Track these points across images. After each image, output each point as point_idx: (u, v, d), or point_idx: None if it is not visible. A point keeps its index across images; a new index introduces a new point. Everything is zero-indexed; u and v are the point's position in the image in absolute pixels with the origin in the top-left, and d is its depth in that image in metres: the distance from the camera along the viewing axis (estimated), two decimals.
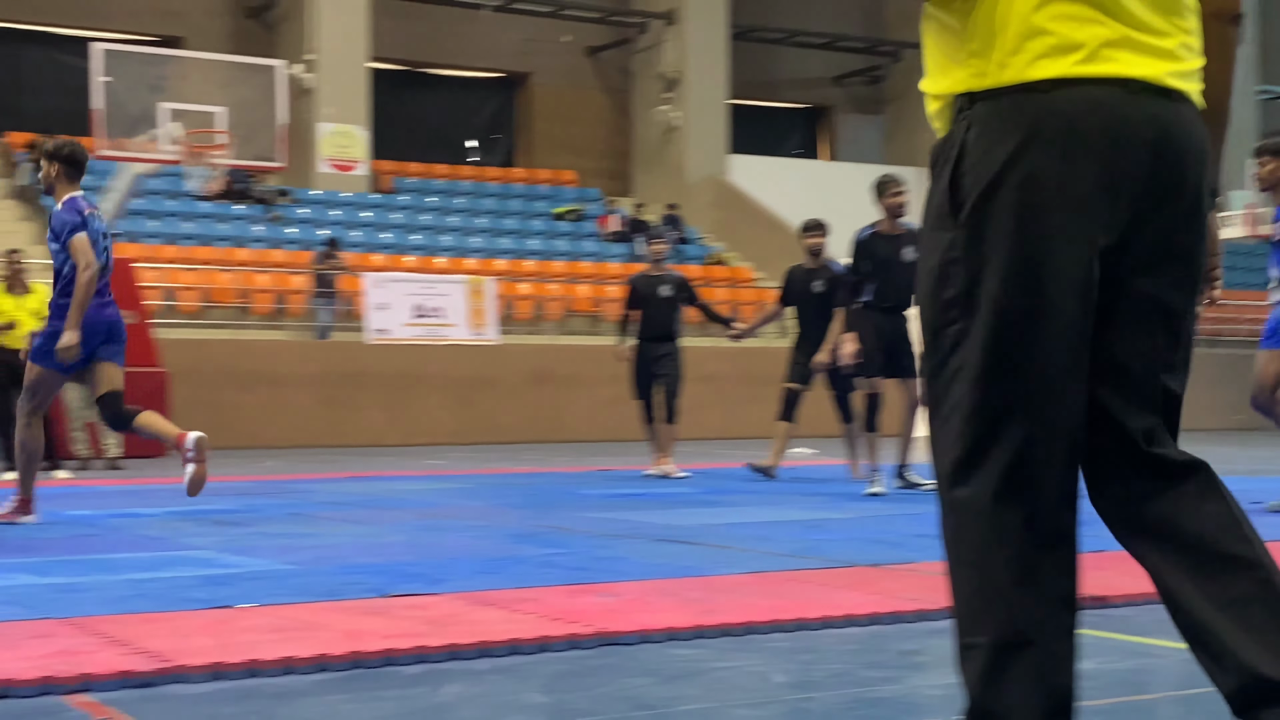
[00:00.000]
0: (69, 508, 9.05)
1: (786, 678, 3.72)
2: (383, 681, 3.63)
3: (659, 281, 12.07)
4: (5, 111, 26.85)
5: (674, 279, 12.15)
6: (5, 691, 3.41)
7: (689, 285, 12.25)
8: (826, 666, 3.83)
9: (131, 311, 16.87)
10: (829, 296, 11.06)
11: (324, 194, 25.87)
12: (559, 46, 30.97)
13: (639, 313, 12.08)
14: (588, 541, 6.78)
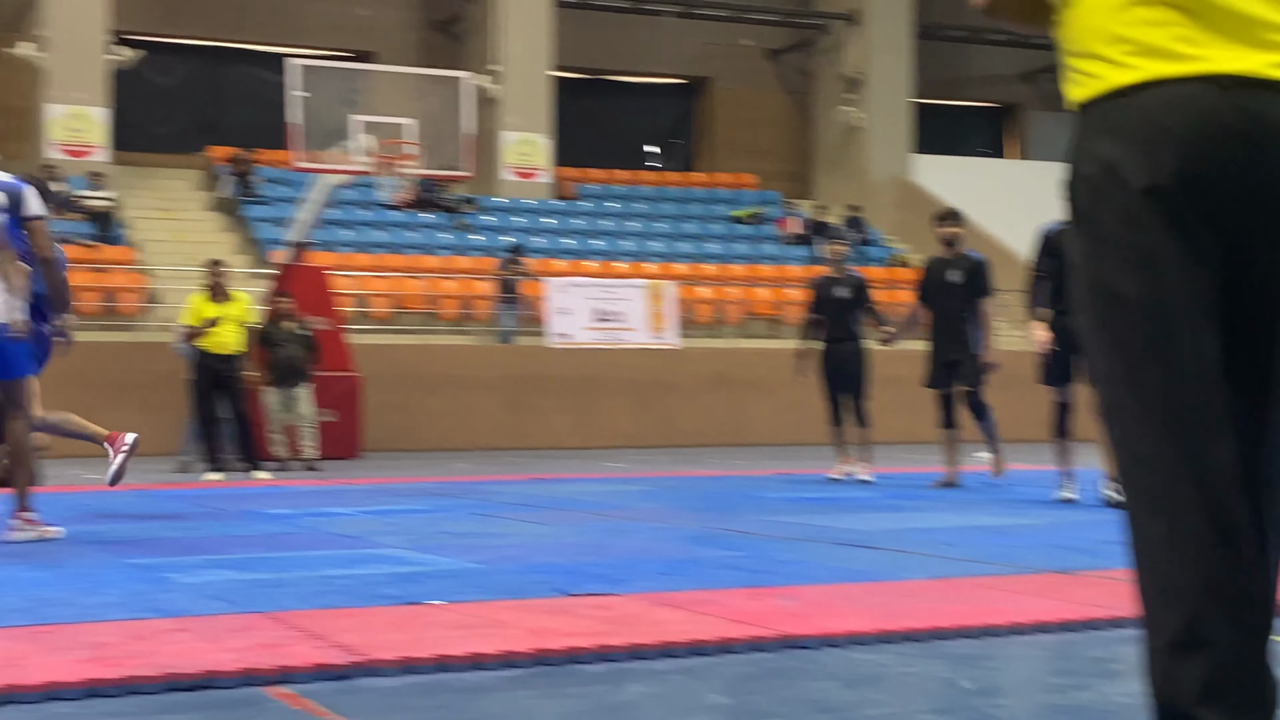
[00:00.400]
0: (269, 507, 9.34)
1: (972, 684, 3.68)
2: (567, 679, 3.69)
3: (837, 284, 11.97)
4: (207, 127, 27.81)
5: (852, 281, 12.03)
6: (209, 682, 3.56)
7: (865, 288, 12.11)
8: (1014, 673, 3.79)
9: (325, 318, 17.37)
10: (967, 287, 10.85)
11: (508, 201, 26.26)
12: (739, 50, 30.96)
13: (822, 316, 12.03)
14: (769, 545, 6.78)
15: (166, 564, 6.03)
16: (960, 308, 10.85)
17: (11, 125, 25.93)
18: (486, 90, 25.84)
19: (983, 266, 10.96)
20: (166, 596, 5.02)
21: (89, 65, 23.72)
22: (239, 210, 24.24)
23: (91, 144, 23.71)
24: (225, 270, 13.61)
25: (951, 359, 10.94)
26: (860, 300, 11.98)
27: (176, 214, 24.42)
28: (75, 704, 3.40)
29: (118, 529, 7.78)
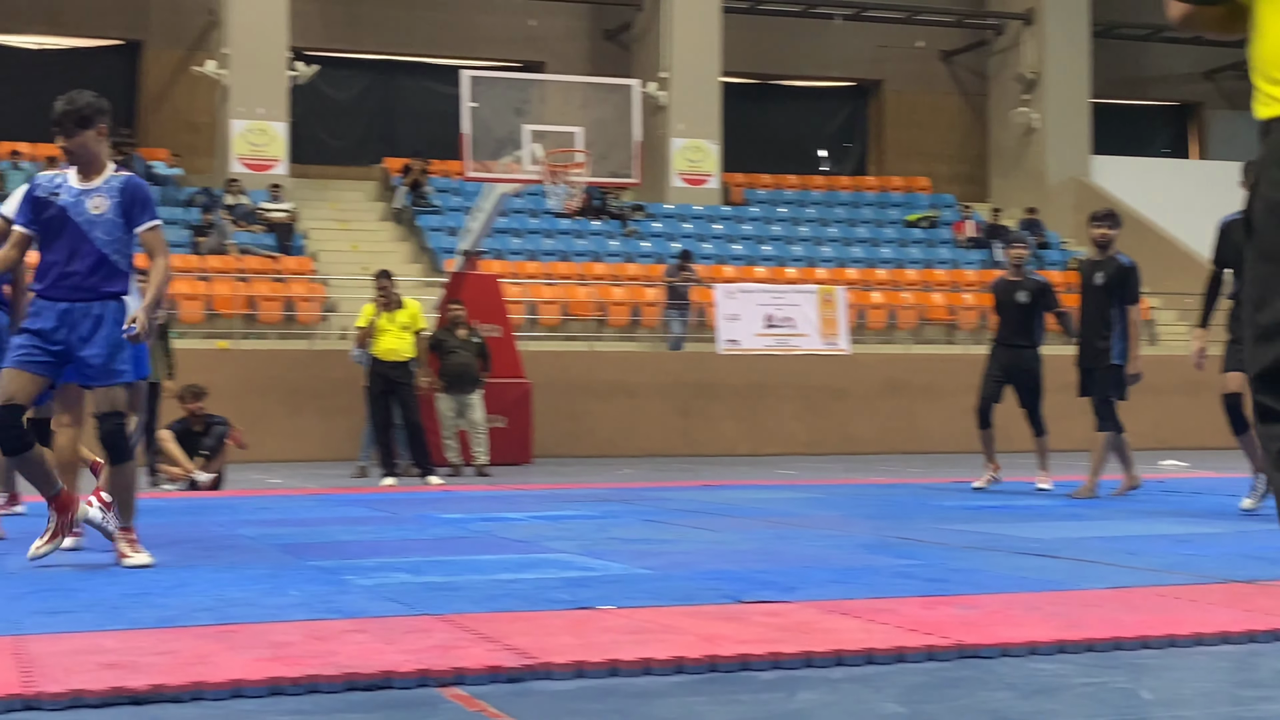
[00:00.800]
0: (442, 512, 9.48)
1: (1154, 695, 3.58)
2: (738, 685, 3.67)
3: (1017, 287, 11.69)
4: (381, 139, 28.40)
5: (1033, 285, 11.72)
6: (387, 682, 3.61)
7: (1051, 291, 11.80)
8: (1197, 685, 3.67)
9: (496, 325, 17.60)
10: (1109, 292, 10.51)
11: (677, 208, 26.34)
12: (912, 52, 30.65)
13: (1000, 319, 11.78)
14: (944, 553, 6.68)
15: (344, 566, 6.15)
16: (1101, 313, 10.51)
17: (197, 140, 26.78)
18: (655, 97, 25.96)
19: (1126, 271, 10.55)
20: (345, 598, 5.11)
21: (270, 81, 24.39)
22: (412, 220, 24.69)
23: (272, 157, 24.37)
24: (390, 282, 13.82)
25: (1087, 366, 10.62)
26: (1041, 304, 11.68)
27: (352, 224, 24.98)
28: (258, 701, 3.48)
29: (298, 533, 7.96)
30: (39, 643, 4.14)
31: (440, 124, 25.55)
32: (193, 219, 22.87)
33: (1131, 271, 10.53)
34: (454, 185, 25.41)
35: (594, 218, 25.46)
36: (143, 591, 5.33)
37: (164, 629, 4.40)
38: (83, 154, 6.42)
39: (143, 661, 3.81)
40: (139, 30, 26.95)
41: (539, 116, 17.35)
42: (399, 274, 16.92)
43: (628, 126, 17.60)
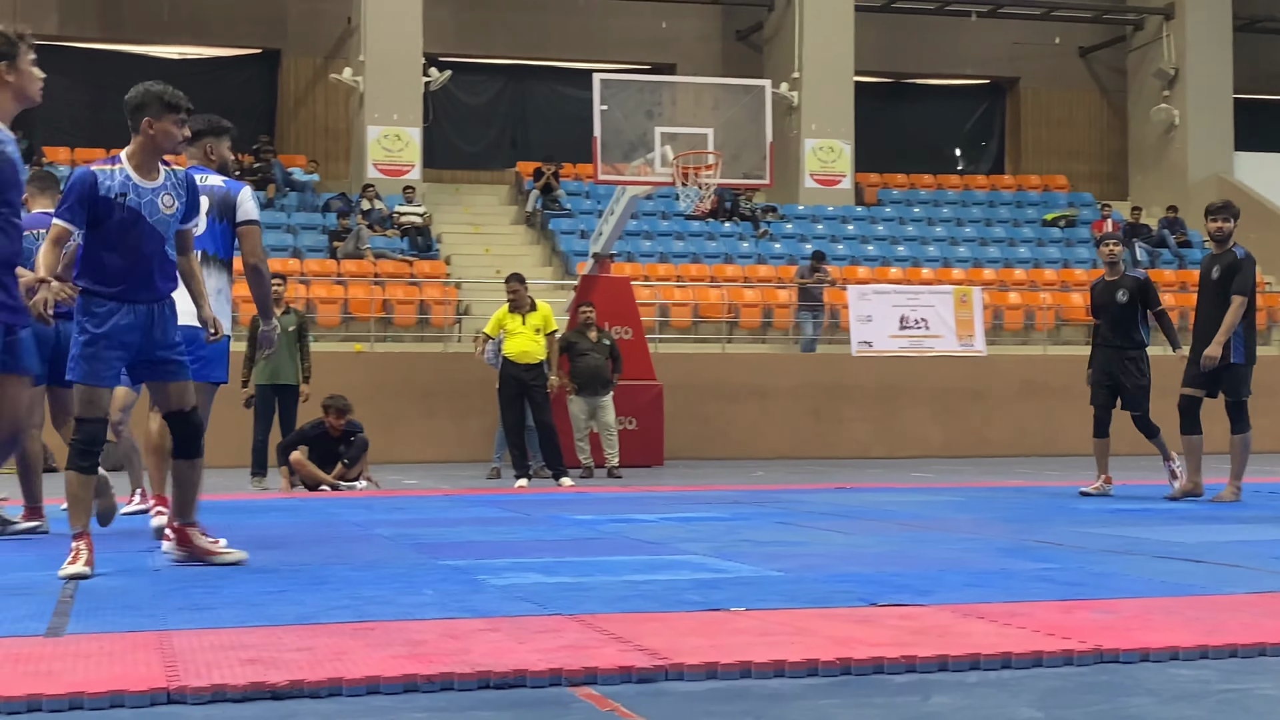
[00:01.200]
0: (574, 513, 9.53)
1: None
2: (872, 689, 3.64)
3: (1116, 286, 11.32)
4: (514, 143, 28.66)
5: (1132, 282, 11.32)
6: (520, 681, 3.64)
7: (1151, 288, 11.41)
8: None
9: (628, 327, 17.66)
10: (1225, 285, 10.19)
11: (809, 209, 26.21)
12: (1049, 49, 30.18)
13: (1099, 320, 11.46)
14: (1082, 557, 6.56)
15: (478, 566, 6.21)
16: (1220, 309, 10.20)
17: (334, 147, 27.27)
18: (787, 97, 25.88)
19: (1239, 263, 10.21)
20: (478, 597, 5.16)
21: (404, 87, 24.75)
22: (544, 223, 24.88)
23: (406, 163, 24.72)
24: (522, 285, 13.91)
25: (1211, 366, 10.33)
26: (1142, 303, 11.23)
27: (485, 228, 25.24)
28: (393, 698, 3.52)
29: (433, 533, 8.06)
30: (183, 638, 4.24)
31: (572, 127, 25.73)
32: (329, 224, 23.27)
33: (1244, 263, 10.22)
34: (585, 188, 25.57)
35: (725, 219, 25.44)
36: (282, 589, 5.43)
37: (303, 626, 4.48)
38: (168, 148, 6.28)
39: (282, 657, 3.88)
40: (277, 39, 27.50)
41: (670, 118, 17.38)
42: (531, 277, 17.07)
43: (759, 127, 17.56)
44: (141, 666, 3.77)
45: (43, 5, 26.39)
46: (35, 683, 3.55)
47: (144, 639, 4.24)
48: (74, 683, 3.54)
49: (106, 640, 4.22)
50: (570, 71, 28.25)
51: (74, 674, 3.66)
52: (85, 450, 5.97)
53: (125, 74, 27.22)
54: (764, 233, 25.09)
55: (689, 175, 16.84)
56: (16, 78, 5.32)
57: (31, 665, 3.80)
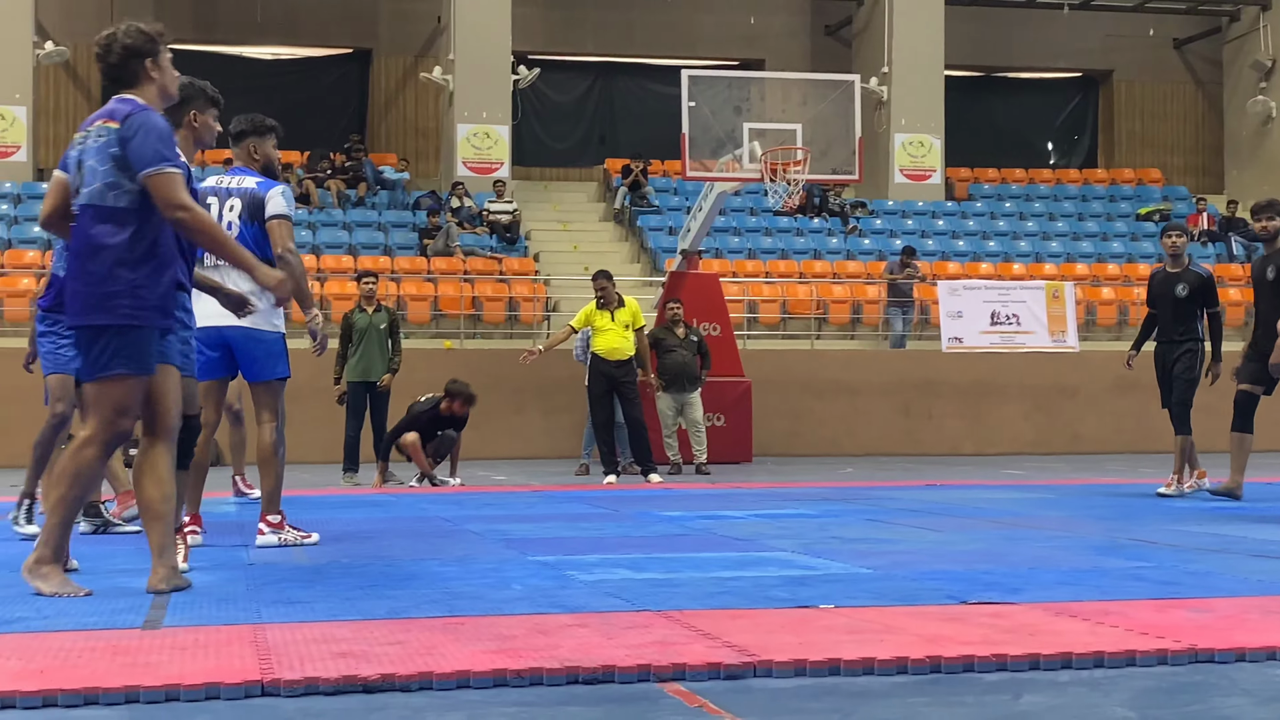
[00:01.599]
0: (662, 509, 9.55)
1: None
2: (962, 687, 3.62)
3: (1176, 280, 11.05)
4: (602, 140, 28.73)
5: (1194, 277, 10.96)
6: (609, 676, 3.65)
7: (1212, 286, 11.02)
8: None
9: (716, 324, 17.64)
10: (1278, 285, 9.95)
11: (899, 204, 26.04)
12: (1142, 40, 29.75)
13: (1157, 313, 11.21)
14: (1177, 555, 6.47)
15: (567, 562, 6.24)
16: (1272, 309, 9.95)
17: (424, 145, 27.48)
18: (876, 92, 25.72)
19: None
20: (567, 593, 5.19)
21: (493, 85, 24.88)
22: (632, 220, 24.92)
23: (495, 160, 24.85)
24: (610, 282, 13.91)
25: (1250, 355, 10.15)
26: (1201, 300, 10.93)
27: (573, 225, 25.32)
28: (483, 692, 3.55)
29: (522, 528, 8.10)
30: (276, 631, 4.30)
31: (660, 124, 25.72)
32: (419, 222, 23.46)
33: None
34: (673, 185, 25.56)
35: (814, 215, 25.34)
36: (374, 584, 5.49)
37: (394, 620, 4.53)
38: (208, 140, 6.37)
39: (374, 651, 3.92)
40: (368, 39, 27.76)
41: (758, 114, 17.33)
42: (619, 274, 17.10)
43: (848, 122, 17.45)
44: (236, 659, 3.83)
45: (138, 7, 26.82)
46: (133, 674, 3.62)
47: (239, 632, 4.30)
48: (170, 675, 3.60)
49: (202, 633, 4.29)
50: (659, 68, 28.25)
51: (170, 666, 3.73)
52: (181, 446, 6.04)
53: (220, 75, 27.56)
54: (853, 228, 24.96)
55: (777, 171, 16.78)
56: (160, 75, 5.42)
57: (129, 657, 3.87)
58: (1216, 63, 29.78)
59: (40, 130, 24.97)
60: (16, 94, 23.43)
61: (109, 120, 5.24)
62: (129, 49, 5.35)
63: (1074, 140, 31.02)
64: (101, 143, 5.22)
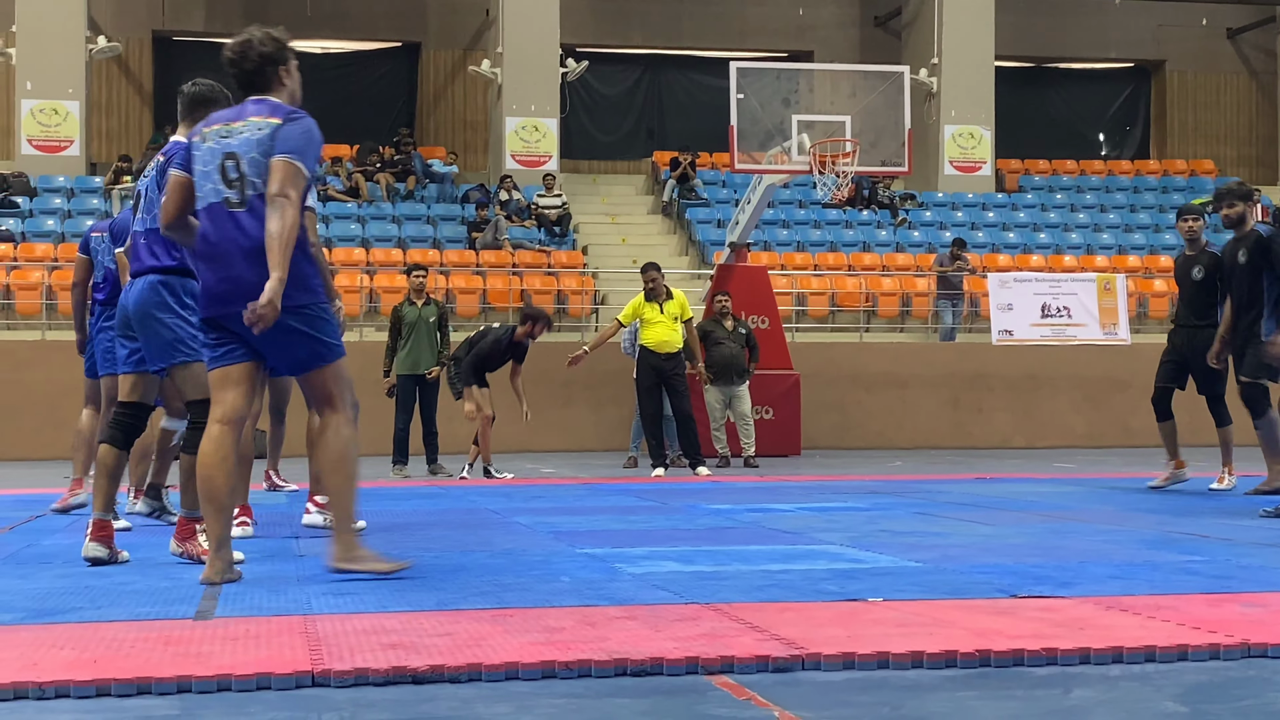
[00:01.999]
0: (710, 502, 9.54)
1: None
2: (1011, 681, 3.60)
3: (1193, 263, 10.87)
4: (650, 132, 28.72)
5: (1209, 259, 10.62)
6: (657, 668, 3.66)
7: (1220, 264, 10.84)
8: None
9: (764, 316, 17.61)
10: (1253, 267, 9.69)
11: (948, 196, 25.90)
12: (1195, 30, 29.47)
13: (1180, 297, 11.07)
14: (1230, 549, 6.41)
15: (615, 555, 6.25)
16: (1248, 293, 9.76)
17: (473, 138, 27.56)
18: (926, 83, 25.60)
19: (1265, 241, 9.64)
20: (615, 585, 5.19)
21: (541, 78, 24.92)
22: (681, 212, 24.90)
23: (543, 154, 24.89)
24: (660, 274, 13.89)
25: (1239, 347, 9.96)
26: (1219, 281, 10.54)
27: (622, 218, 25.32)
28: (532, 684, 3.56)
29: (570, 521, 8.12)
30: (326, 622, 4.33)
31: (708, 116, 25.71)
32: (468, 215, 23.53)
33: (1273, 239, 9.75)
34: (722, 177, 25.53)
35: (863, 207, 25.25)
36: (423, 575, 5.52)
37: (443, 612, 4.55)
38: None
39: (423, 642, 3.94)
40: (417, 32, 27.86)
41: (807, 106, 17.27)
42: (667, 267, 17.08)
43: (898, 114, 17.37)
44: (286, 650, 3.86)
45: (189, 2, 27.04)
46: (185, 664, 3.65)
47: (289, 623, 4.33)
48: (222, 665, 3.63)
49: (253, 624, 4.33)
50: (707, 60, 28.22)
51: (222, 656, 3.76)
52: None
53: None
54: (902, 220, 24.85)
55: (826, 163, 16.72)
56: (290, 80, 5.61)
57: (181, 647, 3.90)
58: (1271, 52, 29.46)
59: (93, 124, 25.21)
60: (69, 89, 23.65)
61: (271, 115, 5.39)
62: (265, 56, 5.54)
63: (1126, 131, 30.77)
64: (263, 135, 5.35)
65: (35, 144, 23.64)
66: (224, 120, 5.48)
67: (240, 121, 5.42)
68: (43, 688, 3.43)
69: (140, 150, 25.65)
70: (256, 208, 5.31)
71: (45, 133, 23.65)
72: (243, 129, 5.40)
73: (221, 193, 5.38)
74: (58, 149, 23.71)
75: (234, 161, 5.37)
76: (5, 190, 22.89)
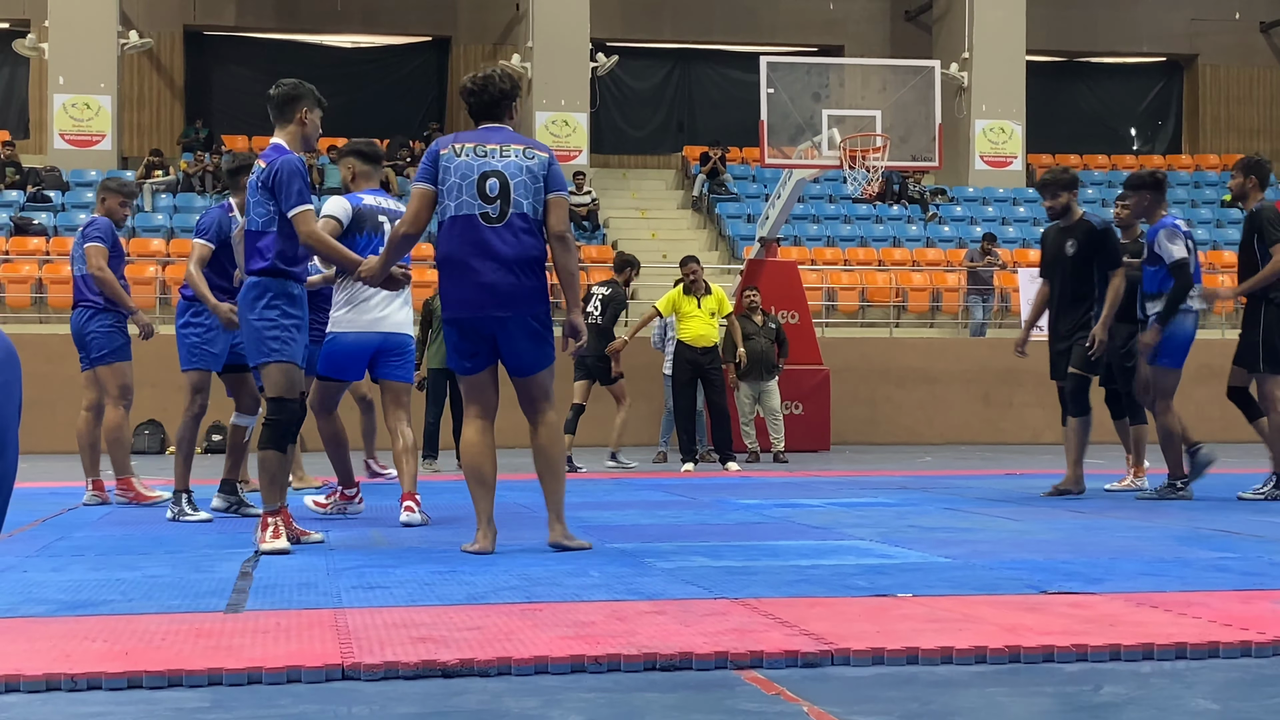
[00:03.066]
0: (740, 497, 9.54)
1: None
2: (1041, 677, 3.59)
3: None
4: (680, 127, 28.70)
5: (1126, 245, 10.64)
6: (686, 663, 3.66)
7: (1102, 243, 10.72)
8: None
9: (794, 311, 17.58)
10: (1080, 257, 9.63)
11: (979, 190, 25.81)
12: (1228, 24, 29.29)
13: None
14: (1262, 546, 6.38)
15: (645, 549, 6.25)
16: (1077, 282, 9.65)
17: None
18: (956, 78, 25.50)
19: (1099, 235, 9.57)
20: (644, 580, 5.20)
21: (572, 72, 24.93)
22: (711, 207, 24.88)
23: (574, 148, 24.90)
24: (699, 266, 13.86)
25: None
26: None
27: (652, 212, 25.31)
28: (561, 678, 3.57)
29: (600, 515, 8.13)
30: (357, 616, 4.34)
31: (739, 111, 25.68)
32: None
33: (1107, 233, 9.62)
34: (752, 172, 25.50)
35: (893, 202, 25.18)
36: (453, 569, 5.53)
37: (473, 606, 4.56)
38: None
39: (453, 636, 3.95)
40: (448, 27, 27.90)
41: (837, 101, 17.24)
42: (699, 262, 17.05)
43: (928, 109, 17.32)
44: (317, 643, 3.87)
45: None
46: (216, 657, 3.67)
47: (319, 616, 4.35)
48: (253, 658, 3.65)
49: (284, 617, 4.35)
50: (737, 55, 28.18)
51: (253, 649, 3.78)
52: (288, 430, 6.26)
53: (301, 63, 27.88)
54: (933, 215, 24.77)
55: (856, 158, 16.68)
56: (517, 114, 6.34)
57: (212, 640, 3.93)
58: None
59: (125, 119, 25.32)
60: (101, 83, 23.77)
61: (537, 149, 6.12)
62: (504, 93, 6.23)
63: (1158, 126, 30.60)
64: (534, 164, 6.05)
65: (67, 138, 23.77)
66: (475, 141, 6.08)
67: (496, 145, 6.07)
68: (75, 679, 3.46)
69: (171, 145, 25.79)
70: (515, 225, 5.99)
71: (77, 127, 23.78)
72: (508, 154, 6.05)
73: (479, 207, 5.98)
74: (90, 143, 23.84)
75: (498, 181, 5.98)
76: (38, 184, 23.04)
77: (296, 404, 6.31)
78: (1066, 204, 9.77)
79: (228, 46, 27.77)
